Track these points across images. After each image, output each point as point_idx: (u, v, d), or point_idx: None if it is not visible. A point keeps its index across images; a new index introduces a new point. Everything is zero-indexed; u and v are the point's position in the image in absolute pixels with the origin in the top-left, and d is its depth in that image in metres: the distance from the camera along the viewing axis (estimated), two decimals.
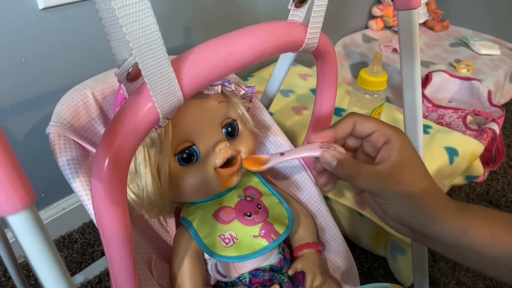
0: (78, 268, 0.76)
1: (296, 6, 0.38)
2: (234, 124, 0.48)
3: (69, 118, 0.44)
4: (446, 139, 0.80)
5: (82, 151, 0.43)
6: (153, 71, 0.27)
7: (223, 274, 0.48)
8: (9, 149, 0.19)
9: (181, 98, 0.30)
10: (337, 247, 0.57)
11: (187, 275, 0.46)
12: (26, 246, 0.20)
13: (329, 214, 0.57)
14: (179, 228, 0.49)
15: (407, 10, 0.46)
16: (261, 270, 0.48)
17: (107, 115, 0.49)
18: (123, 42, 0.26)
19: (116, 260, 0.33)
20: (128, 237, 0.32)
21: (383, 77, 0.73)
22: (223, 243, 0.45)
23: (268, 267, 0.48)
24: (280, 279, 0.49)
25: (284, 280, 0.49)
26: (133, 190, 0.43)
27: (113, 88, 0.49)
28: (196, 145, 0.45)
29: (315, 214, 0.57)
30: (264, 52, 0.35)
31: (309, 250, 0.52)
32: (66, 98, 0.46)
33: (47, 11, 0.62)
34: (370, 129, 0.40)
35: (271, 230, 0.47)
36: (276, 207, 0.50)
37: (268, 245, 0.46)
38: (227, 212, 0.47)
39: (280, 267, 0.50)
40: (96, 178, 0.29)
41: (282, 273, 0.49)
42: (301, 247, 0.52)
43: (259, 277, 0.48)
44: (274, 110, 0.87)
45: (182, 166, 0.44)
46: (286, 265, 0.51)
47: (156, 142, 0.41)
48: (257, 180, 0.53)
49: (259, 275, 0.48)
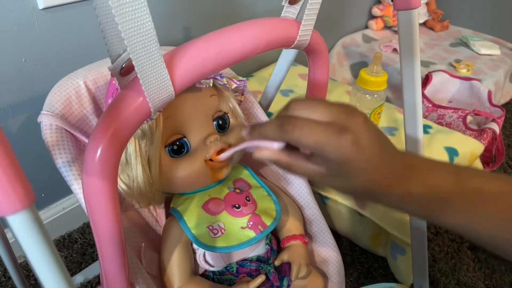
0: (78, 268, 0.76)
1: (290, 3, 0.39)
2: (225, 117, 0.48)
3: (61, 107, 0.45)
4: (446, 139, 0.80)
5: (74, 140, 0.44)
6: (146, 67, 0.28)
7: (211, 264, 0.48)
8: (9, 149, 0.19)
9: (173, 93, 0.31)
10: (324, 240, 0.58)
11: (175, 265, 0.46)
12: (26, 246, 0.20)
13: (316, 207, 0.57)
14: (169, 218, 0.50)
15: (407, 10, 0.46)
16: (248, 260, 0.49)
17: (99, 104, 0.49)
18: (118, 38, 0.26)
19: (106, 249, 0.33)
20: (118, 227, 0.33)
21: (383, 77, 0.73)
22: (211, 234, 0.46)
23: (255, 258, 0.49)
24: (266, 269, 0.49)
25: (270, 271, 0.50)
26: (124, 181, 0.44)
27: (106, 78, 0.49)
28: (186, 137, 0.45)
29: (303, 206, 0.58)
30: (257, 48, 0.35)
31: (295, 241, 0.53)
32: (58, 87, 0.46)
33: (47, 11, 0.62)
34: (307, 148, 0.36)
35: (258, 222, 0.48)
36: (264, 200, 0.51)
37: (255, 236, 0.47)
38: (216, 204, 0.48)
39: (267, 258, 0.50)
40: (87, 169, 0.30)
41: (269, 263, 0.50)
42: (288, 239, 0.53)
43: (246, 267, 0.49)
44: (274, 110, 0.87)
45: (173, 157, 0.45)
46: (273, 256, 0.52)
47: (147, 134, 0.42)
48: (247, 173, 0.54)
49: (246, 265, 0.49)
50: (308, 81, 0.49)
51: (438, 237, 0.85)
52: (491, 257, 0.81)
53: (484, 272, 0.78)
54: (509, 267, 0.79)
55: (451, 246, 0.83)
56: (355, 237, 0.80)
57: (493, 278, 0.77)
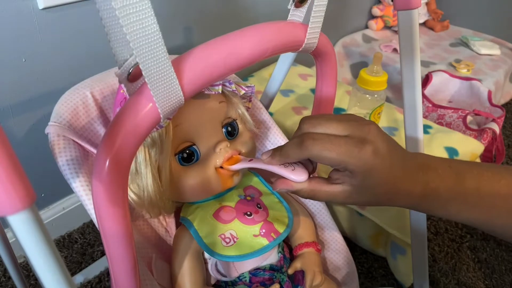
0: (78, 268, 0.76)
1: (296, 6, 0.39)
2: (234, 124, 0.48)
3: (68, 118, 0.44)
4: (446, 139, 0.80)
5: (82, 151, 0.43)
6: (154, 71, 0.27)
7: (223, 274, 0.48)
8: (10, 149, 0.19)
9: (182, 98, 0.30)
10: (336, 247, 0.57)
11: (187, 275, 0.46)
12: (26, 246, 0.20)
13: (328, 214, 0.57)
14: (179, 228, 0.49)
15: (407, 10, 0.46)
16: (261, 269, 0.48)
17: (106, 115, 0.49)
18: (124, 42, 0.26)
19: (117, 260, 0.33)
20: (129, 238, 0.32)
21: (383, 77, 0.73)
22: (223, 243, 0.45)
23: (268, 266, 0.48)
24: (280, 278, 0.49)
25: (284, 279, 0.49)
26: (134, 190, 0.43)
27: (112, 88, 0.49)
28: (196, 145, 0.45)
29: (314, 213, 0.57)
30: (264, 52, 0.35)
31: (308, 249, 0.52)
32: (65, 98, 0.46)
33: (47, 11, 0.62)
34: (329, 163, 0.35)
35: (271, 229, 0.47)
36: (276, 206, 0.50)
37: (268, 244, 0.46)
38: (227, 212, 0.47)
39: (280, 266, 0.50)
40: (97, 179, 0.29)
41: (282, 272, 0.49)
42: (301, 246, 0.52)
43: (259, 276, 0.48)
44: (274, 110, 0.87)
45: (183, 166, 0.44)
46: (286, 264, 0.51)
47: (157, 142, 0.41)
48: (257, 180, 0.53)
49: (259, 274, 0.48)
50: (316, 85, 0.49)
51: (438, 237, 0.85)
52: (491, 257, 0.81)
53: (484, 272, 0.78)
54: (509, 267, 0.79)
55: (451, 246, 0.83)
56: (355, 237, 0.79)
57: (493, 278, 0.77)
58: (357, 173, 0.35)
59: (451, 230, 0.86)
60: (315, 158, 0.36)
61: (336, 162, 0.34)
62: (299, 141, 0.36)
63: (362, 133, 0.35)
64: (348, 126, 0.36)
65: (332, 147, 0.34)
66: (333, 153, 0.34)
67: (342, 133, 0.35)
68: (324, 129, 0.36)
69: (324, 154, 0.34)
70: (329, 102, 0.49)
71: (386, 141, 0.36)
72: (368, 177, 0.35)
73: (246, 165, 0.43)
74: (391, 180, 0.35)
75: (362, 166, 0.34)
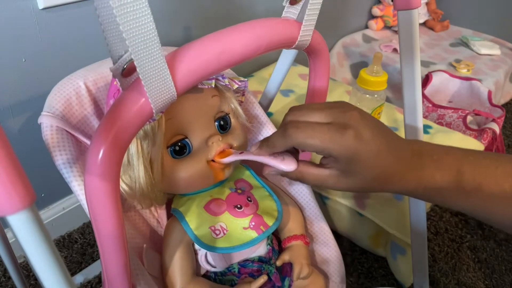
0: (78, 268, 0.76)
1: (291, 3, 0.39)
2: (226, 118, 0.48)
3: (61, 108, 0.45)
4: (446, 139, 0.80)
5: (74, 141, 0.44)
6: (148, 68, 0.28)
7: (212, 265, 0.48)
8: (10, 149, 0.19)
9: (175, 94, 0.31)
10: (324, 240, 0.58)
11: (177, 265, 0.46)
12: (26, 246, 0.20)
13: (317, 207, 0.58)
14: (170, 219, 0.49)
15: (407, 10, 0.46)
16: (250, 261, 0.49)
17: (100, 105, 0.49)
18: (120, 39, 0.26)
19: (108, 249, 0.33)
20: (120, 228, 0.33)
21: (383, 77, 0.73)
22: (213, 235, 0.46)
23: (257, 258, 0.49)
24: (268, 269, 0.49)
25: (272, 271, 0.50)
26: (126, 182, 0.44)
27: (106, 79, 0.49)
28: (188, 138, 0.45)
29: (303, 206, 0.58)
30: (258, 49, 0.35)
31: (297, 242, 0.53)
32: (57, 88, 0.46)
33: (47, 11, 0.62)
34: (314, 150, 0.36)
35: (260, 222, 0.48)
36: (266, 200, 0.51)
37: (257, 236, 0.47)
38: (218, 204, 0.48)
39: (269, 258, 0.50)
40: (90, 171, 0.30)
41: (270, 264, 0.50)
42: (289, 239, 0.53)
43: (248, 267, 0.49)
44: (274, 110, 0.87)
45: (175, 158, 0.45)
46: (274, 256, 0.52)
47: (149, 135, 0.42)
48: (248, 173, 0.54)
49: (248, 265, 0.49)
50: (309, 82, 0.49)
51: (438, 237, 0.85)
52: (491, 257, 0.81)
53: (484, 272, 0.78)
54: (509, 267, 0.79)
55: (451, 246, 0.83)
56: (355, 237, 0.80)
57: (493, 278, 0.77)
58: (341, 159, 0.35)
59: (451, 230, 0.86)
60: (299, 145, 0.37)
61: (320, 148, 0.35)
62: (283, 130, 0.37)
63: (344, 119, 0.35)
64: (330, 113, 0.36)
65: (315, 134, 0.35)
66: (316, 140, 0.35)
67: (325, 120, 0.36)
68: (308, 117, 0.37)
69: (308, 141, 0.35)
70: (321, 98, 0.50)
71: (369, 126, 0.36)
72: (353, 162, 0.35)
73: (237, 158, 0.44)
74: (381, 164, 0.36)
75: (345, 151, 0.35)
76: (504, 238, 0.85)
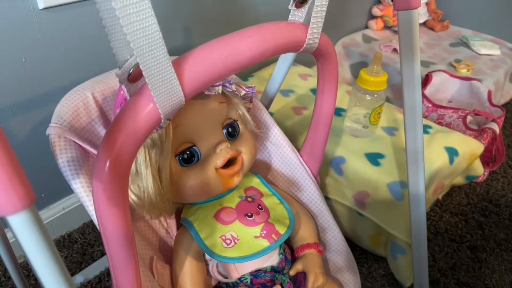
0: (78, 268, 0.76)
1: (297, 6, 0.38)
2: (234, 125, 0.48)
3: (69, 119, 0.44)
4: (446, 139, 0.80)
5: (82, 152, 0.43)
6: (154, 72, 0.27)
7: (224, 275, 0.48)
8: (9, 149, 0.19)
9: (183, 99, 0.30)
10: (338, 248, 0.57)
11: (188, 276, 0.45)
12: (26, 246, 0.20)
13: (330, 215, 0.57)
14: (180, 229, 0.49)
15: (407, 10, 0.46)
16: (262, 270, 0.48)
17: (107, 116, 0.49)
18: (124, 43, 0.26)
19: (118, 262, 0.33)
20: (130, 239, 0.32)
21: (383, 77, 0.73)
22: (224, 244, 0.45)
23: (269, 268, 0.48)
24: (281, 279, 0.48)
25: (285, 281, 0.49)
26: (134, 191, 0.43)
27: (113, 89, 0.49)
28: (197, 145, 0.45)
29: (316, 214, 0.57)
30: (265, 53, 0.35)
31: (310, 250, 0.52)
32: (66, 99, 0.46)
33: (47, 11, 0.62)
34: None
35: (272, 231, 0.47)
36: (277, 208, 0.50)
37: (269, 245, 0.46)
38: (228, 213, 0.47)
39: (281, 268, 0.49)
40: (97, 179, 0.29)
41: (284, 273, 0.49)
42: (302, 248, 0.52)
43: (260, 277, 0.48)
44: (274, 110, 0.87)
45: (183, 167, 0.44)
46: (287, 266, 0.51)
47: (157, 143, 0.41)
48: (257, 181, 0.53)
49: (261, 275, 0.48)
50: (318, 86, 0.49)
51: (438, 237, 0.85)
52: (491, 257, 0.81)
53: (484, 272, 0.78)
54: (509, 267, 0.79)
55: (451, 246, 0.83)
56: (355, 237, 0.79)
57: (493, 278, 0.77)
58: None
59: (451, 230, 0.86)
60: None
61: None
62: None
63: None
64: None
65: None
66: None
67: None
68: None
69: None
70: (330, 103, 0.50)
71: None
72: None
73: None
74: None
75: None
76: (504, 238, 0.85)
